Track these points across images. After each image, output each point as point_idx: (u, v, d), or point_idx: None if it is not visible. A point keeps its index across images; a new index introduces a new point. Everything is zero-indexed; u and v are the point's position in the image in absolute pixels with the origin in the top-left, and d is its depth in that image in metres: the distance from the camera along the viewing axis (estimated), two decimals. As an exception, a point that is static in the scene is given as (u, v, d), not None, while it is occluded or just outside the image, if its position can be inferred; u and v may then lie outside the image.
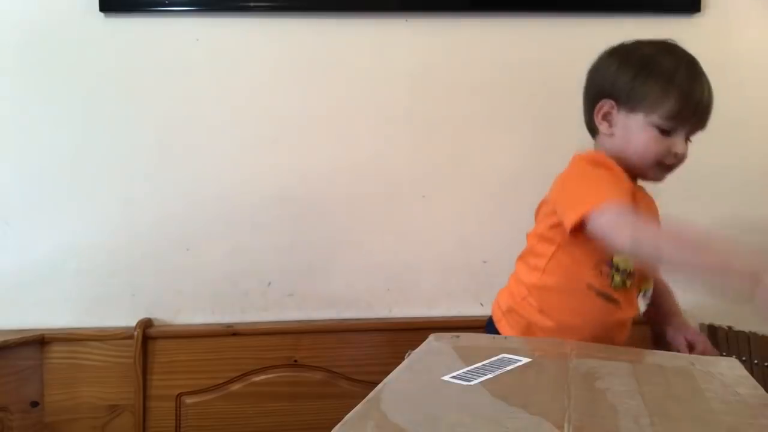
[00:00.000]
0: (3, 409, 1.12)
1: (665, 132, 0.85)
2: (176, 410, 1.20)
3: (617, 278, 0.88)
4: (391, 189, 1.26)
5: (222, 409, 1.21)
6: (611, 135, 0.89)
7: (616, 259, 0.88)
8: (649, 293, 0.94)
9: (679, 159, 0.87)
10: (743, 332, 1.20)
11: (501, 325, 0.96)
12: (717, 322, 1.25)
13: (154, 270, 1.24)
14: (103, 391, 1.20)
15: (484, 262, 1.27)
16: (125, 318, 1.22)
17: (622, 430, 0.49)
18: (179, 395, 1.21)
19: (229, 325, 1.23)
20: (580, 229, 0.82)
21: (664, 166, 0.87)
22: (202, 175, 1.24)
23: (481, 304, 1.28)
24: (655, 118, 0.85)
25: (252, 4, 1.23)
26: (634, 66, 0.87)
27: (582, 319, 0.89)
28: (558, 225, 0.87)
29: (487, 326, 1.02)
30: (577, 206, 0.82)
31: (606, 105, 0.89)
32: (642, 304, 0.93)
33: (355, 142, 1.25)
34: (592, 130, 0.94)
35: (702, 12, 1.26)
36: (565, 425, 0.49)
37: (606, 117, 0.89)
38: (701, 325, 1.27)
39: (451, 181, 1.27)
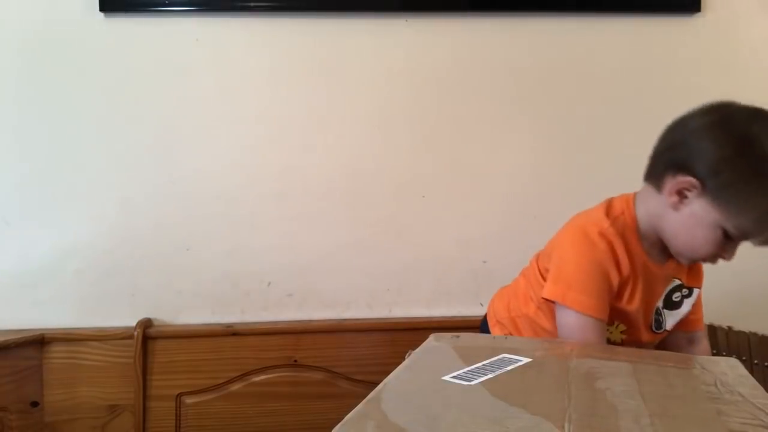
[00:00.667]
0: (3, 409, 1.12)
1: (729, 238, 0.77)
2: (176, 410, 1.20)
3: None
4: (391, 189, 1.26)
5: (222, 409, 1.21)
6: (675, 211, 0.79)
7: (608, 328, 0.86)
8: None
9: (724, 260, 0.81)
10: (743, 332, 1.20)
11: (494, 331, 0.97)
12: (717, 322, 1.25)
13: (154, 270, 1.24)
14: (103, 391, 1.20)
15: (484, 262, 1.27)
16: (125, 318, 1.22)
17: (622, 430, 0.49)
18: (179, 395, 1.21)
19: (229, 325, 1.23)
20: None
21: (704, 260, 0.82)
22: (202, 175, 1.24)
23: (481, 304, 1.28)
24: (729, 226, 0.75)
25: (252, 4, 1.23)
26: (734, 151, 0.75)
27: None
28: (548, 272, 0.86)
29: (482, 327, 1.02)
30: (555, 284, 0.82)
31: (686, 183, 0.77)
32: None
33: (355, 142, 1.25)
34: (657, 185, 0.82)
35: (702, 12, 1.26)
36: (565, 425, 0.49)
37: (678, 194, 0.78)
38: (701, 325, 1.27)
39: (451, 181, 1.27)
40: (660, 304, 0.88)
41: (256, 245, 1.25)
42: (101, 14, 1.20)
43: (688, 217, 0.78)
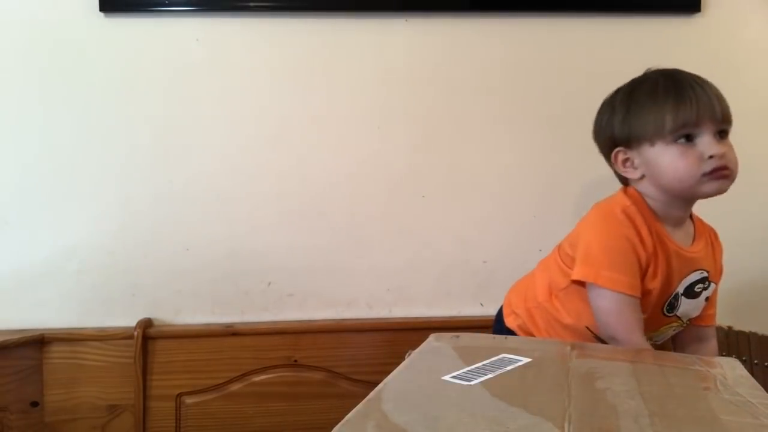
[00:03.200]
0: (3, 409, 1.12)
1: (687, 143, 0.83)
2: (176, 410, 1.20)
3: None
4: (391, 189, 1.26)
5: (222, 409, 1.21)
6: (641, 178, 0.88)
7: None
8: (658, 339, 0.93)
9: (720, 160, 0.82)
10: (743, 332, 1.20)
11: (509, 320, 0.99)
12: (717, 322, 1.25)
13: (154, 270, 1.24)
14: (103, 391, 1.20)
15: (484, 262, 1.28)
16: (125, 318, 1.22)
17: (622, 430, 0.49)
18: (179, 395, 1.21)
19: (229, 325, 1.23)
20: (582, 284, 0.86)
21: (707, 175, 0.82)
22: (202, 175, 1.24)
23: (481, 304, 1.28)
24: (666, 137, 0.83)
25: (252, 4, 1.23)
26: (620, 106, 0.88)
27: None
28: (573, 260, 0.88)
29: (496, 319, 1.04)
30: (584, 265, 0.85)
31: (619, 154, 0.89)
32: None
33: (355, 142, 1.25)
34: (625, 181, 0.92)
35: (702, 12, 1.26)
36: (565, 425, 0.49)
37: (626, 164, 0.89)
38: (701, 325, 1.27)
39: (451, 181, 1.27)
40: (680, 290, 0.88)
41: (256, 245, 1.25)
42: (101, 14, 1.20)
43: (649, 170, 0.86)
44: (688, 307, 0.90)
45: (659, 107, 0.84)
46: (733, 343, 1.21)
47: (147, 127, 1.23)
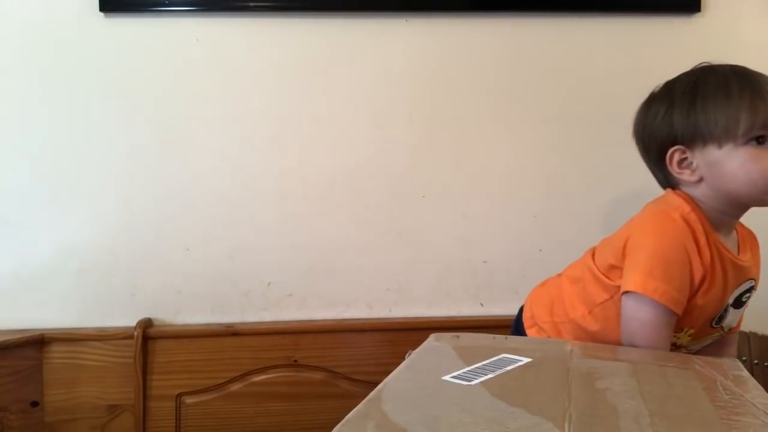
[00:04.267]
0: (3, 409, 1.12)
1: (758, 145, 0.75)
2: (176, 410, 1.20)
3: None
4: (391, 189, 1.26)
5: (222, 409, 1.21)
6: (699, 180, 0.80)
7: (675, 335, 0.83)
8: (693, 347, 0.89)
9: None
10: (743, 332, 1.20)
11: (531, 333, 0.93)
12: (717, 322, 1.25)
13: (154, 270, 1.24)
14: (103, 391, 1.20)
15: (484, 262, 1.27)
16: (125, 318, 1.22)
17: (622, 430, 0.49)
18: (179, 395, 1.21)
19: (229, 325, 1.23)
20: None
21: None
22: (202, 175, 1.24)
23: (481, 304, 1.28)
24: (738, 139, 0.75)
25: (252, 4, 1.23)
26: (682, 100, 0.80)
27: None
28: (617, 270, 0.81)
29: (515, 329, 0.98)
30: (638, 273, 0.76)
31: (676, 153, 0.80)
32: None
33: (355, 142, 1.25)
34: (669, 183, 0.85)
35: (702, 12, 1.26)
36: (565, 425, 0.49)
37: (682, 165, 0.80)
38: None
39: (451, 181, 1.27)
40: (730, 301, 0.82)
41: (256, 245, 1.25)
42: (101, 14, 1.20)
43: (712, 172, 0.78)
44: (733, 318, 0.86)
45: (733, 105, 0.76)
46: (733, 343, 1.21)
47: (147, 127, 1.23)
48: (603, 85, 1.25)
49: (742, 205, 0.81)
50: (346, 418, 0.51)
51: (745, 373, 0.67)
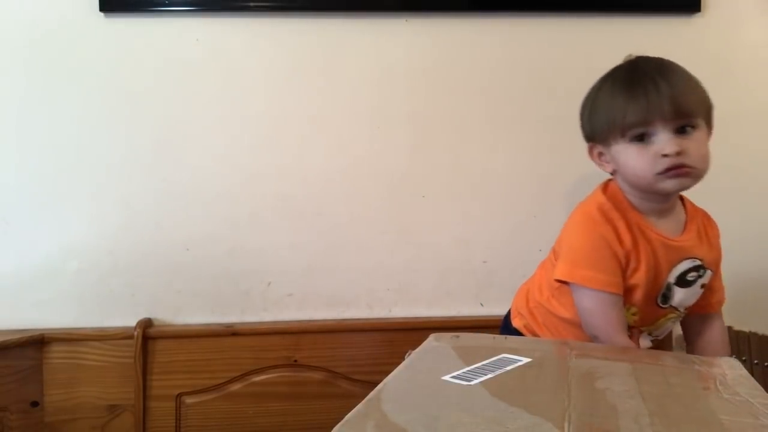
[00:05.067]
0: (3, 409, 1.12)
1: (641, 142, 0.82)
2: (176, 410, 1.20)
3: None
4: (391, 189, 1.26)
5: (222, 409, 1.21)
6: (614, 173, 0.89)
7: None
8: (658, 333, 0.93)
9: (675, 158, 0.80)
10: (743, 332, 1.20)
11: (515, 321, 0.99)
12: (717, 322, 1.25)
13: (154, 270, 1.24)
14: (103, 391, 1.20)
15: (484, 262, 1.27)
16: (125, 318, 1.22)
17: (622, 430, 0.49)
18: (179, 395, 1.21)
19: (229, 325, 1.23)
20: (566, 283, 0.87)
21: (661, 174, 0.82)
22: (201, 175, 1.24)
23: (481, 304, 1.28)
24: (624, 136, 0.83)
25: (252, 4, 1.23)
26: (586, 105, 0.90)
27: None
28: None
29: (504, 321, 1.03)
30: (563, 263, 0.86)
31: (594, 148, 0.90)
32: (645, 341, 0.92)
33: (355, 141, 1.25)
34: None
35: (702, 12, 1.26)
36: (565, 425, 0.49)
37: (601, 158, 0.89)
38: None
39: (451, 181, 1.27)
40: (672, 280, 0.87)
41: (256, 245, 1.25)
42: (101, 14, 1.20)
43: (617, 166, 0.86)
44: (683, 297, 0.88)
45: (612, 107, 0.84)
46: (733, 343, 1.21)
47: (147, 126, 1.23)
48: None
49: (649, 193, 0.86)
50: (346, 418, 0.51)
51: (745, 373, 0.67)
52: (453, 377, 0.62)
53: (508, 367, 0.66)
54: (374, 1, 1.23)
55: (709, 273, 0.89)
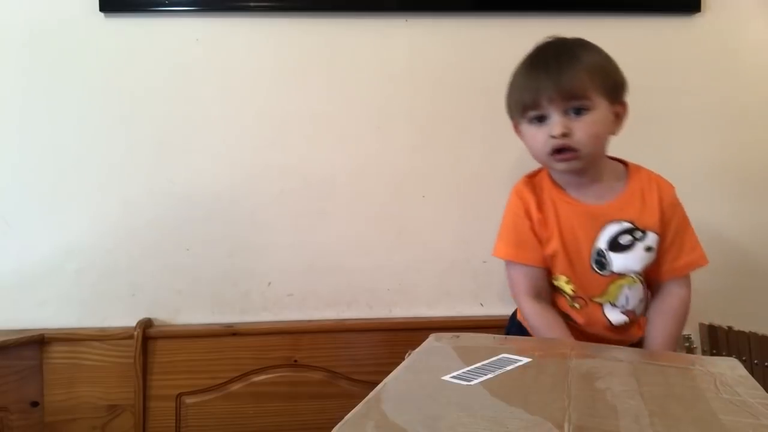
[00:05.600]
0: (3, 409, 1.12)
1: (539, 123, 0.88)
2: (176, 410, 1.20)
3: (567, 298, 0.92)
4: (391, 189, 1.26)
5: (222, 409, 1.21)
6: (528, 147, 0.94)
7: (555, 282, 0.93)
8: (623, 303, 0.90)
9: (560, 140, 0.85)
10: (743, 332, 1.20)
11: (520, 315, 1.01)
12: (717, 322, 1.25)
13: (154, 270, 1.24)
14: (103, 391, 1.20)
15: (484, 262, 1.27)
16: (125, 318, 1.22)
17: (622, 430, 0.49)
18: (179, 395, 1.21)
19: (229, 325, 1.23)
20: None
21: (554, 155, 0.87)
22: (201, 175, 1.24)
23: (481, 304, 1.28)
24: (524, 116, 0.89)
25: (252, 4, 1.23)
26: (508, 87, 0.94)
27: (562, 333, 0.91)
28: None
29: (511, 317, 1.05)
30: (496, 241, 0.97)
31: (516, 126, 0.95)
32: (614, 315, 0.91)
33: (355, 141, 1.25)
34: None
35: (702, 12, 1.26)
36: (565, 425, 0.49)
37: (520, 135, 0.94)
38: (701, 325, 1.27)
39: (451, 181, 1.27)
40: (602, 246, 0.88)
41: (256, 245, 1.25)
42: (101, 14, 1.20)
43: (525, 143, 0.93)
44: (625, 262, 0.88)
45: (514, 90, 0.91)
46: (733, 343, 1.21)
47: (147, 126, 1.23)
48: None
49: (547, 168, 0.94)
50: (346, 418, 0.51)
51: (745, 373, 0.67)
52: (453, 377, 0.62)
53: (508, 367, 0.66)
54: (374, 1, 1.23)
55: (651, 235, 0.88)
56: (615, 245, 0.88)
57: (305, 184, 1.25)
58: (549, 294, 0.94)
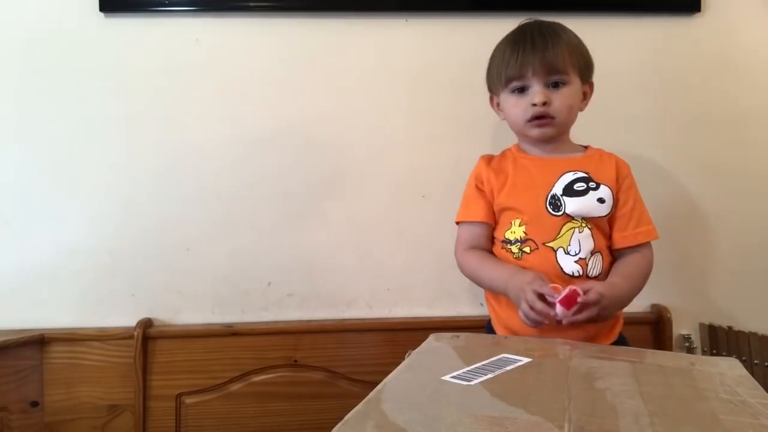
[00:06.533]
0: (3, 409, 1.12)
1: (520, 93, 0.96)
2: (176, 410, 1.20)
3: (514, 249, 0.95)
4: (391, 189, 1.26)
5: (222, 409, 1.21)
6: (504, 119, 1.02)
7: (506, 234, 0.97)
8: (575, 249, 0.92)
9: (541, 107, 0.93)
10: (743, 332, 1.20)
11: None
12: (717, 322, 1.25)
13: (154, 270, 1.24)
14: (103, 391, 1.20)
15: (484, 262, 1.27)
16: (125, 318, 1.22)
17: (622, 430, 0.49)
18: (179, 395, 1.21)
19: (229, 325, 1.23)
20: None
21: (532, 121, 0.95)
22: (201, 175, 1.24)
23: (481, 304, 1.28)
24: (506, 87, 0.96)
25: (252, 4, 1.23)
26: (488, 62, 1.02)
27: None
28: None
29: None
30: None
31: (492, 100, 1.04)
32: (569, 263, 0.92)
33: (355, 142, 1.25)
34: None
35: (702, 12, 1.26)
36: (565, 425, 0.49)
37: (497, 108, 1.03)
38: (701, 325, 1.27)
39: (451, 181, 1.26)
40: (558, 191, 0.94)
41: (256, 245, 1.25)
42: (101, 14, 1.20)
43: (504, 114, 1.01)
44: (577, 206, 0.93)
45: (497, 63, 0.98)
46: (733, 343, 1.21)
47: (147, 127, 1.23)
48: (602, 84, 1.24)
49: (522, 136, 1.01)
50: (346, 418, 0.51)
51: (745, 373, 0.67)
52: (453, 377, 0.62)
53: (508, 367, 0.66)
54: (374, 1, 1.23)
55: (605, 189, 0.94)
56: (570, 191, 0.94)
57: (305, 184, 1.25)
58: (488, 250, 1.01)
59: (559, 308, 0.82)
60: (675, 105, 1.27)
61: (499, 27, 1.25)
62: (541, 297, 0.83)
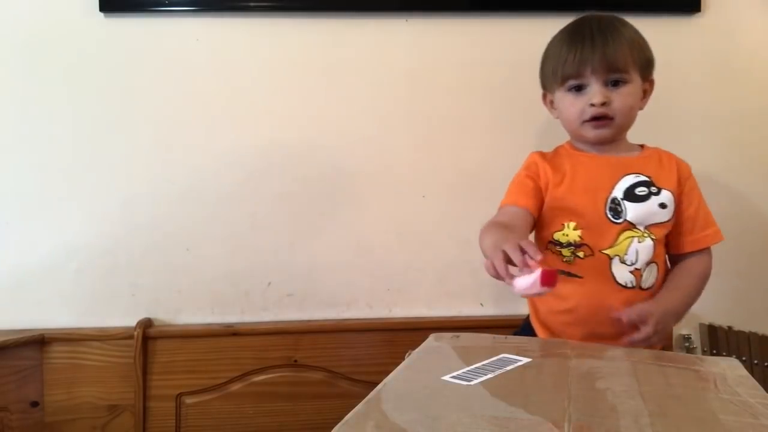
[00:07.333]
0: (3, 409, 1.12)
1: (577, 92, 0.92)
2: (176, 410, 1.20)
3: (566, 252, 0.91)
4: (391, 189, 1.26)
5: (222, 409, 1.21)
6: (557, 118, 0.98)
7: (557, 235, 0.92)
8: (632, 258, 0.89)
9: (600, 108, 0.89)
10: (743, 332, 1.20)
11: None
12: (717, 322, 1.25)
13: (154, 270, 1.24)
14: (103, 391, 1.20)
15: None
16: (125, 318, 1.22)
17: (622, 430, 0.49)
18: (179, 395, 1.21)
19: (229, 325, 1.23)
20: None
21: (587, 122, 0.91)
22: (202, 175, 1.24)
23: (481, 304, 1.28)
24: (563, 85, 0.93)
25: (252, 4, 1.23)
26: (544, 52, 0.99)
27: (566, 302, 0.91)
28: None
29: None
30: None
31: (546, 97, 1.00)
32: (623, 272, 0.89)
33: (356, 141, 1.25)
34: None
35: (702, 12, 1.26)
36: (565, 425, 0.49)
37: (552, 105, 0.99)
38: (701, 325, 1.27)
39: (451, 181, 1.27)
40: (618, 194, 0.91)
41: (256, 245, 1.25)
42: (101, 14, 1.20)
43: (558, 112, 0.97)
44: (639, 212, 0.89)
45: (553, 60, 0.94)
46: (733, 343, 1.21)
47: (147, 126, 1.23)
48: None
49: (577, 137, 0.96)
50: (346, 418, 0.51)
51: (745, 373, 0.67)
52: (453, 377, 0.62)
53: (508, 367, 0.66)
54: (374, 1, 1.23)
55: (666, 193, 0.91)
56: (631, 195, 0.90)
57: (305, 184, 1.25)
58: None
59: (526, 278, 0.72)
60: (675, 105, 1.27)
61: (499, 27, 1.26)
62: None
